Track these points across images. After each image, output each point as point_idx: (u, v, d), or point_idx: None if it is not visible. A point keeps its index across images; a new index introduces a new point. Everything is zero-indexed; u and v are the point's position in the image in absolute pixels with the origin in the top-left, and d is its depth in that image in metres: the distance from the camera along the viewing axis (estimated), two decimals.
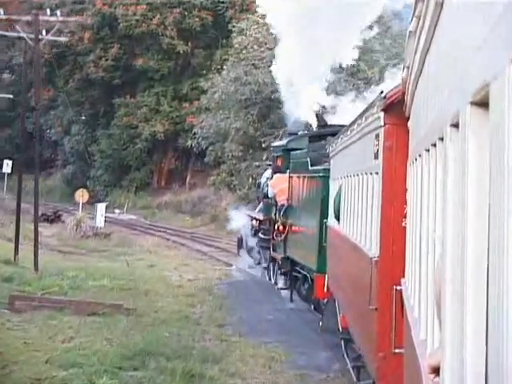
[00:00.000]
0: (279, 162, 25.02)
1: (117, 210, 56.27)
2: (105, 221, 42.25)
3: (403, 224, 9.12)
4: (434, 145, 4.99)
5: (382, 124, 10.13)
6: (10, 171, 57.07)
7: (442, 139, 4.31)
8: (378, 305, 10.02)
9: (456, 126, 3.52)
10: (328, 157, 18.61)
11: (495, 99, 2.49)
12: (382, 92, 10.33)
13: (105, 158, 62.78)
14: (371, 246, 10.60)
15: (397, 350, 9.24)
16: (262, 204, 27.89)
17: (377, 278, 10.11)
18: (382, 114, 10.14)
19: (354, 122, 13.29)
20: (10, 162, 56.78)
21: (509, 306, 2.20)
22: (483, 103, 2.83)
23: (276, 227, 24.11)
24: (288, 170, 23.44)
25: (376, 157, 10.49)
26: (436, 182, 5.08)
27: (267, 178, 27.10)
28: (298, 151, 22.64)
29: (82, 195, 44.85)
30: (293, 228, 22.79)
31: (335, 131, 17.93)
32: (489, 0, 2.56)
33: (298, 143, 23.60)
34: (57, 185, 69.52)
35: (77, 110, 66.48)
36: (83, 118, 66.40)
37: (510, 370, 2.16)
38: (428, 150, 5.54)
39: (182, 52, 59.45)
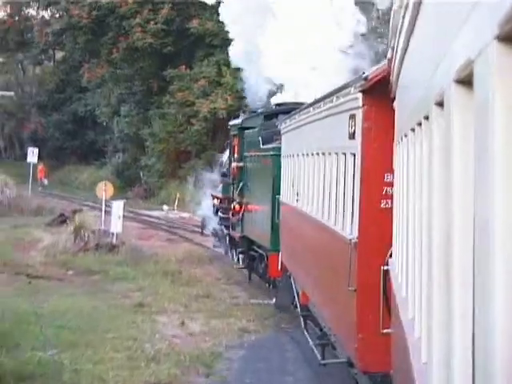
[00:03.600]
0: (236, 141, 24.20)
1: (165, 207, 45.16)
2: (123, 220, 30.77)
3: (381, 205, 9.51)
4: (420, 124, 5.10)
5: (361, 105, 9.94)
6: (35, 161, 46.83)
7: (427, 118, 4.50)
8: (358, 286, 9.79)
9: (441, 104, 3.67)
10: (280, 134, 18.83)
11: (479, 77, 2.52)
12: (363, 73, 9.99)
13: (158, 142, 51.59)
14: (346, 228, 10.38)
15: (385, 331, 9.06)
16: (221, 183, 27.15)
17: (356, 260, 9.90)
18: (360, 95, 9.94)
19: (316, 101, 13.27)
20: (36, 151, 46.47)
21: (495, 283, 2.23)
22: (467, 81, 2.88)
23: (233, 206, 23.80)
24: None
25: (352, 137, 10.26)
26: (422, 161, 5.10)
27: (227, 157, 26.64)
28: (251, 130, 22.41)
29: (104, 189, 33.62)
30: (248, 207, 22.47)
31: (291, 109, 18.41)
32: None
33: (253, 121, 22.94)
34: (108, 177, 58.87)
35: (126, 87, 55.67)
36: (136, 96, 55.53)
37: (496, 346, 2.21)
38: (413, 130, 5.66)
39: None
